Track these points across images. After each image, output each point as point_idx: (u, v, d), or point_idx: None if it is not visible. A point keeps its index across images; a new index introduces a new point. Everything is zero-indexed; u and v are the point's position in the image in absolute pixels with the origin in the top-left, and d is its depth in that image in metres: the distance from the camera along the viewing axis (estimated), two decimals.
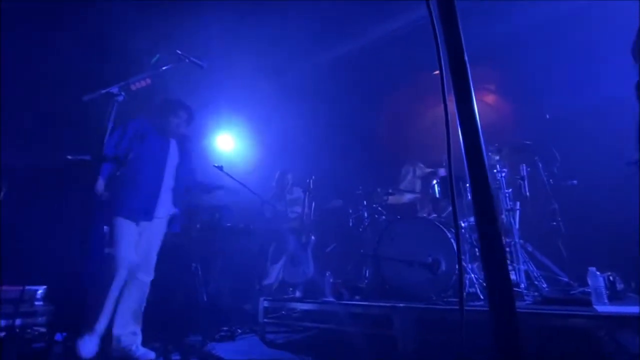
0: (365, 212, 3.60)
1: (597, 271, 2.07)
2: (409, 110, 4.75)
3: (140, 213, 2.32)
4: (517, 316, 0.44)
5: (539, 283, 2.51)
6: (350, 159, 4.42)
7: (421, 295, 2.53)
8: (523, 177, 2.81)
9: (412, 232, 2.79)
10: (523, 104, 3.83)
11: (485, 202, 0.49)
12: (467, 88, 0.53)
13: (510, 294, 0.45)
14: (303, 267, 3.21)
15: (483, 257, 0.48)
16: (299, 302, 2.84)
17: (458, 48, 0.54)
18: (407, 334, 2.20)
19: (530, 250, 2.77)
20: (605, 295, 2.02)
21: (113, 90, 1.62)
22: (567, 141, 3.04)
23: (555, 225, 2.79)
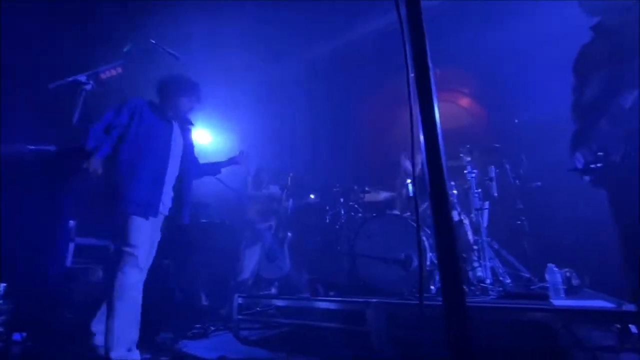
0: (342, 209, 3.65)
1: (555, 267, 2.21)
2: (389, 110, 4.84)
3: (146, 207, 2.06)
4: (467, 309, 0.47)
5: (503, 279, 2.65)
6: (329, 157, 4.46)
7: (394, 291, 2.60)
8: (492, 178, 2.94)
9: (387, 230, 2.86)
10: (494, 109, 4.00)
11: (441, 202, 0.52)
12: (429, 94, 0.56)
13: (461, 287, 0.48)
14: (279, 263, 3.21)
15: (438, 253, 0.51)
16: (274, 298, 2.84)
17: (422, 53, 0.57)
18: (379, 329, 2.25)
19: (497, 248, 2.91)
20: (562, 290, 2.16)
21: (81, 79, 1.54)
22: (533, 145, 3.21)
23: (520, 224, 2.95)
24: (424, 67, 0.57)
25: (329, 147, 4.62)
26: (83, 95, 1.53)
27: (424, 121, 0.55)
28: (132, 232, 1.98)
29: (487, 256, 2.68)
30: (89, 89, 1.55)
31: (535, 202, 3.07)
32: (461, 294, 0.47)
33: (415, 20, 0.62)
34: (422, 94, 0.56)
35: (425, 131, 0.55)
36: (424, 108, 0.58)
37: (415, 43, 0.58)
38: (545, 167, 3.18)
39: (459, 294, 0.47)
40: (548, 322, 1.96)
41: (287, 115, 4.99)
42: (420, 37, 0.60)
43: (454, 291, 0.47)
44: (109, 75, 1.63)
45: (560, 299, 2.11)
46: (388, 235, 2.83)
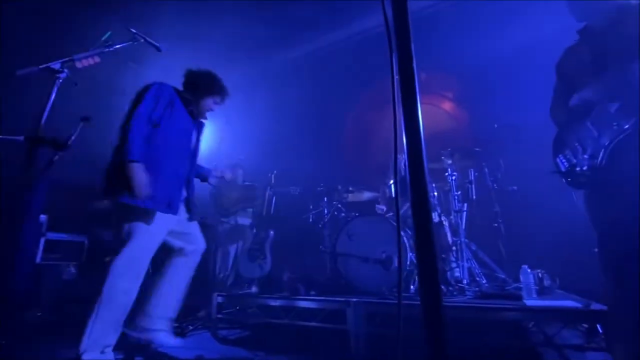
0: (325, 208, 3.66)
1: (528, 269, 2.29)
2: (374, 111, 4.88)
3: (167, 206, 1.93)
4: (445, 309, 0.48)
5: (479, 279, 2.72)
6: (313, 156, 4.45)
7: (374, 290, 2.63)
8: (471, 181, 3.03)
9: (369, 229, 2.88)
10: (476, 113, 4.10)
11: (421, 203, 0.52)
12: (414, 96, 0.57)
13: (438, 288, 0.49)
14: (260, 262, 3.18)
15: (417, 252, 0.52)
16: (255, 297, 2.81)
17: (408, 56, 0.57)
18: (358, 328, 2.27)
19: (474, 249, 2.99)
20: (534, 290, 2.24)
21: (54, 66, 1.46)
22: (511, 150, 3.32)
23: (497, 226, 3.05)
24: (409, 70, 0.57)
25: (314, 147, 4.62)
26: (57, 85, 1.46)
27: (407, 123, 0.56)
28: (141, 231, 1.81)
29: (465, 257, 2.75)
30: (63, 78, 1.48)
31: (512, 206, 3.17)
32: (438, 295, 0.47)
33: (401, 23, 0.62)
34: (406, 97, 0.56)
35: (409, 133, 0.55)
36: (407, 111, 0.58)
37: (401, 46, 0.59)
38: (521, 172, 3.29)
39: (436, 294, 0.47)
40: (520, 321, 2.03)
41: (271, 114, 4.95)
42: (406, 40, 0.60)
43: (432, 291, 0.48)
44: (85, 64, 1.55)
45: (533, 299, 2.18)
46: (370, 235, 2.86)
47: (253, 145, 4.81)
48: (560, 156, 1.71)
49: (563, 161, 1.69)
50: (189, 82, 2.20)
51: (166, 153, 1.93)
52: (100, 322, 1.72)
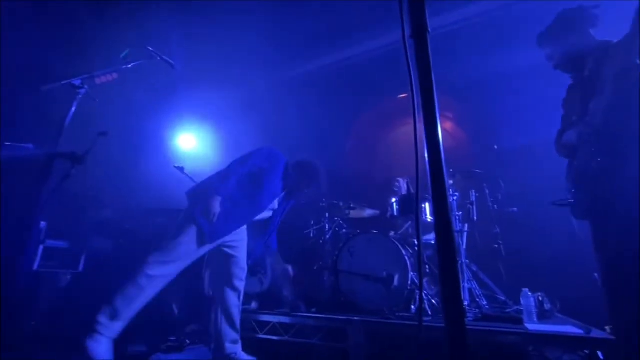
0: (327, 224, 3.67)
1: (529, 292, 2.30)
2: (377, 129, 4.96)
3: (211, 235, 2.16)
4: (467, 332, 0.51)
5: (480, 301, 2.73)
6: None
7: (375, 309, 2.63)
8: (472, 202, 3.07)
9: (370, 247, 2.90)
10: (476, 134, 4.18)
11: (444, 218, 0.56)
12: (433, 112, 0.62)
13: (462, 311, 0.52)
14: (260, 277, 3.17)
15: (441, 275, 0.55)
16: (255, 313, 2.79)
17: (428, 77, 0.63)
18: (359, 347, 2.26)
19: (475, 270, 3.01)
20: (535, 314, 2.25)
21: (75, 82, 1.52)
22: (511, 172, 3.37)
23: (497, 247, 3.07)
24: (429, 90, 0.63)
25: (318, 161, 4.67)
26: (77, 100, 1.51)
27: (428, 140, 0.61)
28: (194, 244, 2.00)
29: (466, 278, 2.76)
30: (83, 93, 1.53)
31: (512, 227, 3.20)
32: (462, 314, 0.50)
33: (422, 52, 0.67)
34: (427, 115, 0.61)
35: (430, 150, 0.60)
36: (428, 128, 0.63)
37: (420, 65, 0.64)
38: (521, 193, 3.34)
39: (459, 314, 0.50)
40: (521, 346, 2.03)
41: (274, 127, 5.02)
42: (427, 68, 0.65)
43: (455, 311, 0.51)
44: (104, 81, 1.61)
45: (533, 322, 2.19)
46: (371, 253, 2.87)
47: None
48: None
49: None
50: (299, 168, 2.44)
51: (242, 199, 2.19)
52: (122, 297, 1.86)
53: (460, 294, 0.54)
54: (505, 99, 3.86)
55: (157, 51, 2.08)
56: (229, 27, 3.97)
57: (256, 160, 2.24)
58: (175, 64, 2.24)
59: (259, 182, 2.23)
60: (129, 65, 1.84)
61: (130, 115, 3.99)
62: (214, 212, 2.00)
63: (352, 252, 2.93)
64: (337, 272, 2.92)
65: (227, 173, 2.16)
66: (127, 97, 3.54)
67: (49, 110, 1.89)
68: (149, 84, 3.24)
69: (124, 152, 4.11)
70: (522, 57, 3.67)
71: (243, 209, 2.20)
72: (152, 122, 4.50)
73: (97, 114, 2.10)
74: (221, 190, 2.06)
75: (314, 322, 2.52)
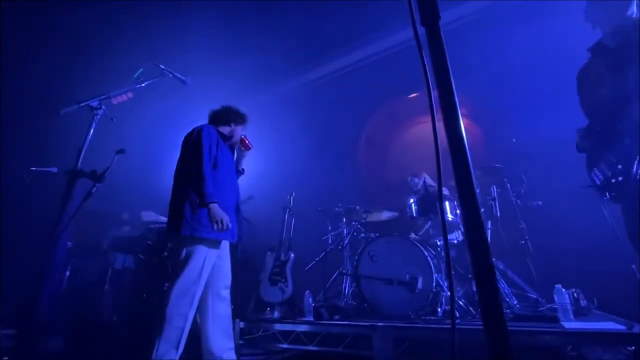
0: (344, 229, 3.64)
1: (562, 288, 2.19)
2: (390, 129, 4.92)
3: (232, 233, 2.17)
4: (509, 334, 0.47)
5: (510, 300, 2.61)
6: (331, 176, 4.48)
7: (400, 313, 2.56)
8: (494, 198, 2.97)
9: (390, 251, 2.84)
10: (492, 129, 4.08)
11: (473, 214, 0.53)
12: (453, 105, 0.59)
13: (501, 312, 0.48)
14: (281, 286, 3.16)
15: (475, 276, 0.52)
16: (277, 322, 2.77)
17: (445, 69, 0.60)
18: (385, 353, 2.20)
19: (502, 268, 2.89)
20: (571, 311, 2.13)
21: (92, 104, 1.57)
22: (532, 165, 3.25)
23: (524, 243, 2.95)
24: (447, 85, 0.60)
25: (331, 166, 4.65)
26: (96, 120, 1.55)
27: (449, 135, 0.58)
28: (198, 259, 1.97)
29: None
30: (100, 114, 1.58)
31: (538, 222, 3.07)
32: (503, 319, 0.47)
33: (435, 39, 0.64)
34: (445, 107, 0.59)
35: (453, 145, 0.57)
36: (449, 123, 0.60)
37: (436, 62, 0.62)
38: (545, 186, 3.21)
39: (500, 318, 0.47)
40: (559, 345, 1.92)
41: (287, 135, 5.04)
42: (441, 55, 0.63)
43: (495, 316, 0.47)
44: (120, 100, 1.66)
45: (570, 320, 2.08)
46: (392, 256, 2.81)
47: (271, 166, 4.88)
48: (595, 170, 1.68)
49: (598, 174, 1.66)
50: (219, 117, 2.41)
51: (224, 187, 2.15)
52: (165, 341, 1.85)
53: (498, 295, 0.50)
54: (520, 91, 3.76)
55: (168, 68, 2.12)
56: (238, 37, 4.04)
57: (209, 146, 2.13)
58: (188, 80, 2.29)
59: (221, 163, 2.19)
60: (142, 83, 1.89)
61: (148, 132, 4.10)
62: (222, 219, 1.96)
63: (372, 256, 2.88)
64: (358, 277, 2.87)
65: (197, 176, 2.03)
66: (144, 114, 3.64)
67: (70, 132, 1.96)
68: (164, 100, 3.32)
69: (143, 169, 4.21)
70: (537, 45, 3.58)
71: (229, 196, 2.20)
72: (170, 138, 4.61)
73: (115, 132, 2.16)
74: (213, 196, 1.98)
75: (337, 330, 2.47)
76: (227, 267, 2.26)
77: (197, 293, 1.97)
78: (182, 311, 1.90)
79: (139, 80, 1.80)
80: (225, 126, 2.39)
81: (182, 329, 1.90)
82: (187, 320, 1.93)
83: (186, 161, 2.13)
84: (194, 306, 1.97)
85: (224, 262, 2.24)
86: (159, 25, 3.50)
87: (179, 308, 1.90)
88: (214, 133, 2.25)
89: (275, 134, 4.94)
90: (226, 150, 2.33)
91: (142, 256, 3.98)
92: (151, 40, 3.36)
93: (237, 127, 2.43)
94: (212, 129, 2.26)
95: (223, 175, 2.18)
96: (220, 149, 2.22)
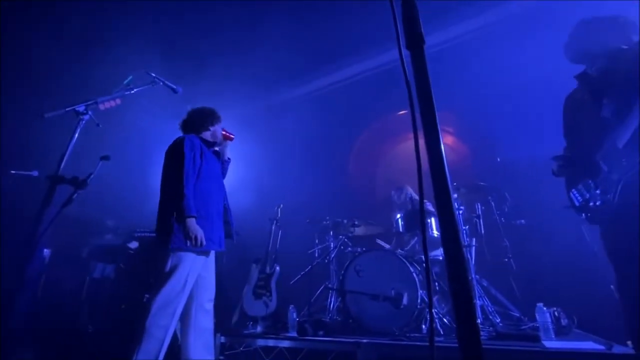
0: (331, 242, 3.62)
1: (544, 307, 2.22)
2: (379, 145, 4.98)
3: (219, 242, 2.14)
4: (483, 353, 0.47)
5: (493, 318, 2.63)
6: (319, 189, 4.48)
7: (384, 329, 2.54)
8: (479, 216, 3.02)
9: (377, 265, 2.83)
10: (478, 148, 4.18)
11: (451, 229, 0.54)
12: (434, 123, 0.61)
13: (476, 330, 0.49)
14: (265, 300, 3.10)
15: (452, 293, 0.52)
16: (260, 337, 2.70)
17: (427, 90, 0.62)
18: None
19: (486, 286, 2.91)
20: (552, 330, 2.15)
21: (79, 109, 1.55)
22: (516, 184, 3.33)
23: (507, 261, 2.99)
24: (429, 106, 0.62)
25: (319, 180, 4.66)
26: (81, 126, 1.53)
27: (430, 152, 0.59)
28: (182, 270, 1.95)
29: (477, 294, 2.68)
30: (86, 119, 1.55)
31: (521, 240, 3.13)
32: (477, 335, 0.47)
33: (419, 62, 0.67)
34: (427, 125, 0.60)
35: (433, 163, 0.58)
36: (429, 140, 0.62)
37: (420, 84, 0.63)
38: (528, 205, 3.28)
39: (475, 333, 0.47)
40: None
41: (275, 148, 5.05)
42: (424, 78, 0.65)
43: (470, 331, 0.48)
44: (108, 107, 1.64)
45: (551, 339, 2.10)
46: (377, 271, 2.80)
47: (259, 177, 4.86)
48: (574, 190, 1.72)
49: (576, 195, 1.70)
50: (198, 124, 2.37)
51: (210, 197, 2.15)
52: (143, 352, 1.81)
53: (474, 311, 0.51)
54: (505, 111, 3.88)
55: (159, 76, 2.12)
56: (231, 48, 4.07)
57: (190, 158, 2.11)
58: (179, 88, 2.29)
59: (206, 172, 2.17)
60: (132, 90, 1.88)
61: (134, 138, 4.04)
62: (197, 235, 1.94)
63: (358, 271, 2.87)
64: (343, 292, 2.85)
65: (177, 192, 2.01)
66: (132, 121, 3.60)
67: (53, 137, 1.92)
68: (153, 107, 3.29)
69: (129, 176, 4.13)
70: (521, 70, 3.72)
71: (216, 203, 2.17)
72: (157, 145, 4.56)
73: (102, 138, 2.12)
74: (191, 210, 1.96)
75: (321, 346, 2.43)
76: (212, 279, 2.22)
77: (180, 305, 1.94)
78: (162, 323, 1.87)
79: (128, 87, 1.80)
80: (205, 132, 2.36)
81: (161, 341, 1.85)
82: (168, 333, 1.89)
83: (168, 175, 2.13)
84: (176, 318, 1.93)
85: (209, 272, 2.21)
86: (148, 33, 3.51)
87: (159, 319, 1.87)
88: (197, 143, 2.22)
89: (265, 145, 4.95)
90: (210, 157, 2.30)
91: (122, 265, 3.86)
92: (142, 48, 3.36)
93: (216, 126, 2.41)
94: (194, 138, 2.23)
95: (209, 185, 2.17)
96: (205, 158, 2.21)
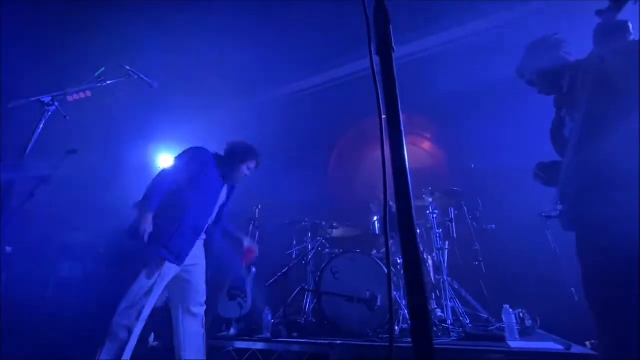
0: (309, 244, 3.62)
1: (509, 309, 2.31)
2: (359, 148, 5.03)
3: (177, 256, 2.04)
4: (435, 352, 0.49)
5: (463, 319, 2.71)
6: (298, 191, 4.47)
7: (359, 331, 2.56)
8: (451, 220, 3.11)
9: (353, 267, 2.85)
10: (453, 154, 4.30)
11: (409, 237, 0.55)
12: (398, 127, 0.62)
13: (429, 328, 0.51)
14: (240, 301, 3.05)
15: (408, 295, 0.54)
16: (234, 339, 2.66)
17: (393, 95, 0.64)
18: None
19: (457, 288, 3.00)
20: (516, 331, 2.25)
21: (44, 99, 1.47)
22: (488, 190, 3.46)
23: (477, 264, 3.09)
24: (394, 111, 0.64)
25: (298, 181, 4.65)
26: (46, 117, 1.45)
27: (394, 159, 0.61)
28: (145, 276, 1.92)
29: (448, 296, 2.75)
30: (53, 111, 1.48)
31: (491, 244, 3.25)
32: (430, 336, 0.49)
33: (387, 68, 0.69)
34: (392, 135, 0.62)
35: (396, 169, 0.60)
36: (394, 147, 0.64)
37: (387, 88, 0.65)
38: (498, 211, 3.41)
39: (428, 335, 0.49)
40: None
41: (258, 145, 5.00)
42: (392, 83, 0.67)
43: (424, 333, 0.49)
44: (76, 98, 1.57)
45: (515, 340, 2.19)
46: (353, 273, 2.83)
47: None
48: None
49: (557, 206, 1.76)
50: (228, 150, 2.41)
51: (190, 207, 2.11)
52: (106, 352, 1.81)
53: (427, 310, 0.52)
54: (481, 118, 4.01)
55: (135, 70, 2.06)
56: (211, 47, 4.01)
57: (181, 165, 2.16)
58: (155, 83, 2.23)
59: (198, 186, 2.16)
60: (104, 83, 1.81)
61: (106, 133, 3.90)
62: (139, 229, 1.90)
63: (334, 273, 2.88)
64: (319, 293, 2.85)
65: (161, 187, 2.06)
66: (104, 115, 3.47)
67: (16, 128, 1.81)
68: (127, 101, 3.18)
69: (99, 172, 3.98)
70: (497, 76, 3.86)
71: (194, 218, 2.13)
72: (130, 141, 4.41)
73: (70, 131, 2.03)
74: (149, 205, 1.95)
75: (295, 348, 2.43)
76: (199, 283, 2.19)
77: (146, 308, 1.90)
78: (126, 323, 1.84)
79: (99, 79, 1.73)
80: (229, 158, 2.36)
81: (125, 342, 1.82)
82: (132, 334, 1.85)
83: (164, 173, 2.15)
84: (141, 320, 1.89)
85: (194, 277, 2.17)
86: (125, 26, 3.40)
87: (123, 320, 1.85)
88: (203, 156, 2.25)
89: None
90: (214, 176, 2.28)
91: (91, 264, 3.71)
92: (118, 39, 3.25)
93: (243, 164, 2.38)
94: (203, 151, 2.27)
95: (195, 197, 2.13)
96: (206, 174, 2.20)
